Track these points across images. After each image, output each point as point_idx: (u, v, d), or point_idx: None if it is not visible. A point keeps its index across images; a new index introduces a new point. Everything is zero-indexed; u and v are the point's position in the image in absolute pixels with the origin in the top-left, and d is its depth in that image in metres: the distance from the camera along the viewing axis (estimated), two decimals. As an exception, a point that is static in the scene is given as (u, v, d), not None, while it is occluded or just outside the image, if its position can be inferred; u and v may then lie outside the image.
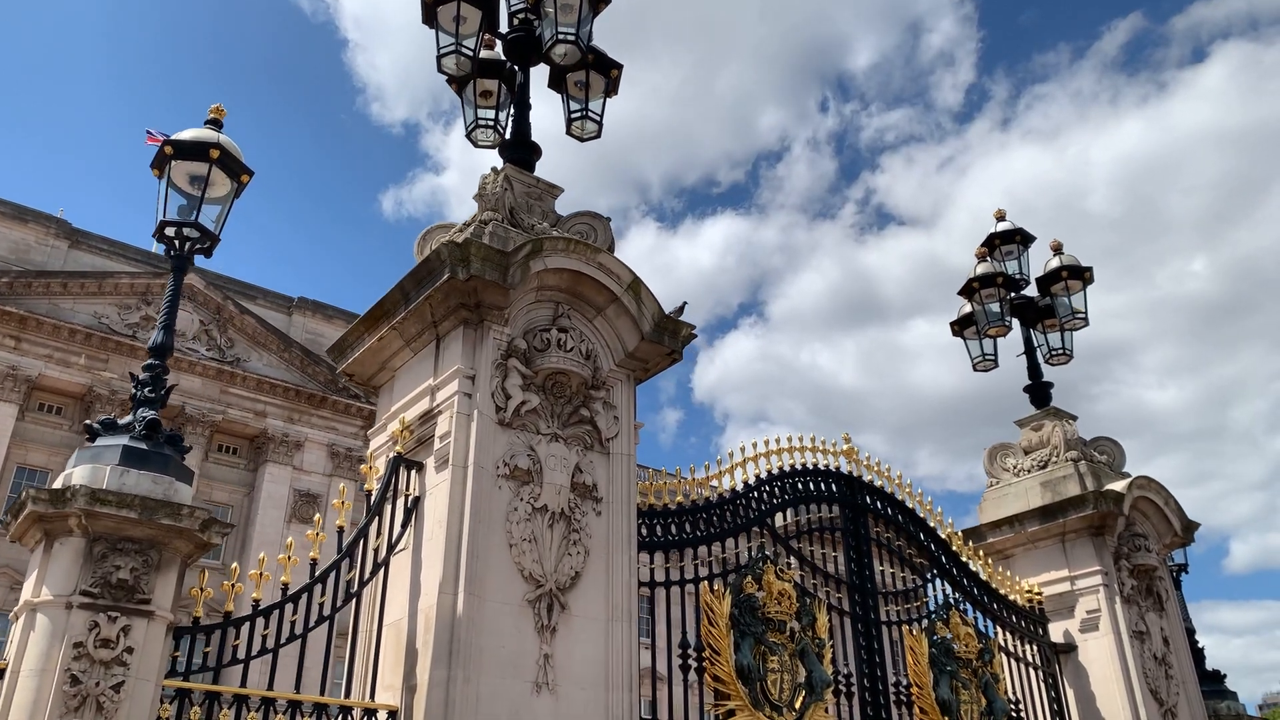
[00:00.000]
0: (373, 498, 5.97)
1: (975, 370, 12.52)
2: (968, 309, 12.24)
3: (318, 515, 5.77)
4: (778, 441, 8.52)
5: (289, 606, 5.38)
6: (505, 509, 5.92)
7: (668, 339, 6.86)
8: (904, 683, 8.38)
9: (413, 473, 6.13)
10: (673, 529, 7.42)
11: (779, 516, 8.27)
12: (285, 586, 5.44)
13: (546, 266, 6.39)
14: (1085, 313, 11.72)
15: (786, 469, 8.47)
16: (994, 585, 9.63)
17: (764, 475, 8.26)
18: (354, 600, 5.73)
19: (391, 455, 6.16)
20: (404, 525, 6.00)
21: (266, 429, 36.43)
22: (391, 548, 5.93)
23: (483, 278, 6.00)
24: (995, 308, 11.73)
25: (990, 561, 9.94)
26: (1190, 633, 12.02)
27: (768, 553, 7.88)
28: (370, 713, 5.45)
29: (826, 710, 7.70)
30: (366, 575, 5.77)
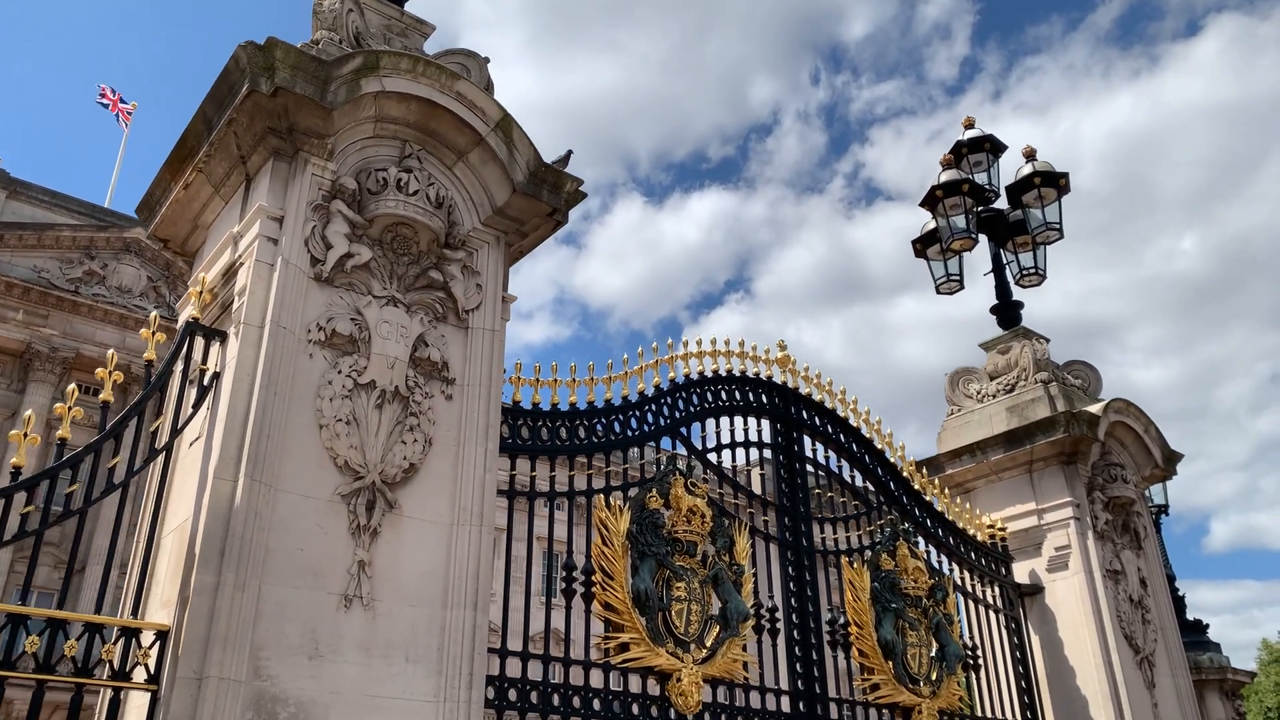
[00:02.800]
0: (153, 372, 4.71)
1: (939, 292, 11.34)
2: (931, 225, 11.07)
3: (71, 385, 4.52)
4: (699, 344, 7.32)
5: (20, 496, 4.14)
6: (317, 382, 4.69)
7: (547, 193, 5.62)
8: (841, 620, 7.24)
9: (213, 344, 4.88)
10: (562, 432, 6.22)
11: (697, 427, 7.09)
12: (16, 471, 4.20)
13: (385, 89, 5.13)
14: (1060, 224, 10.53)
15: (708, 374, 7.28)
16: (950, 518, 8.50)
17: (679, 380, 7.07)
18: (120, 494, 4.49)
19: (186, 322, 4.92)
20: (196, 406, 4.76)
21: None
22: (176, 431, 4.70)
23: (292, 91, 4.73)
24: (960, 221, 10.54)
25: (946, 492, 8.80)
26: (1170, 579, 10.98)
27: (679, 466, 6.71)
28: (131, 633, 4.23)
29: (744, 648, 6.54)
30: (138, 464, 4.53)
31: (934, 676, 7.53)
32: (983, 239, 10.93)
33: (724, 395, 7.33)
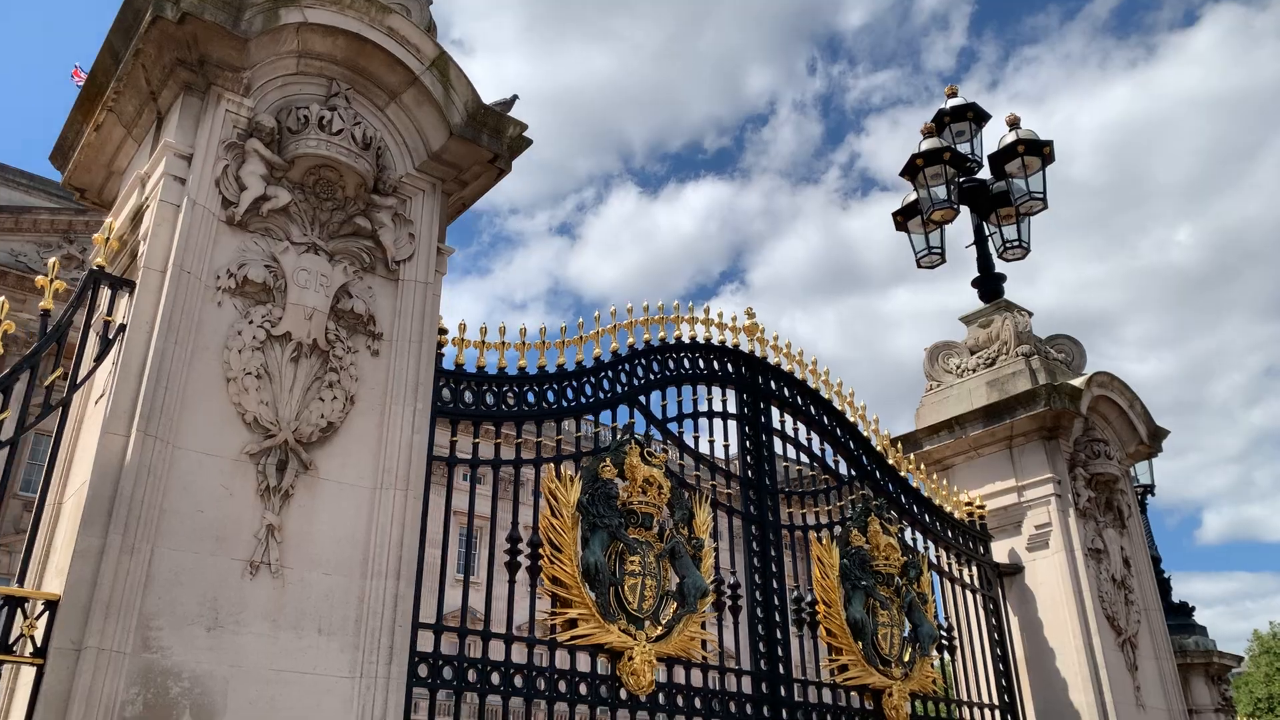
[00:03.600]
0: (50, 323, 4.35)
1: (919, 266, 11.01)
2: (913, 197, 10.73)
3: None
4: (660, 309, 6.97)
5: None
6: (226, 333, 4.33)
7: (487, 138, 5.25)
8: (809, 598, 6.91)
9: (121, 295, 4.51)
10: (509, 398, 5.87)
11: (657, 396, 6.74)
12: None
13: (307, 20, 4.75)
14: (1044, 194, 10.19)
15: (670, 341, 6.92)
16: (926, 494, 8.16)
17: (639, 346, 6.71)
18: (8, 453, 4.12)
19: (90, 270, 4.54)
20: (99, 360, 4.39)
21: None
22: (74, 386, 4.34)
23: (201, 18, 4.36)
24: (941, 191, 10.20)
25: (923, 469, 8.47)
26: (1155, 560, 10.67)
27: (637, 435, 6.36)
28: (17, 602, 3.87)
29: (704, 626, 6.21)
30: (30, 420, 4.17)
31: (906, 658, 7.21)
32: (965, 212, 10.62)
33: (686, 363, 6.98)
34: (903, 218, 10.96)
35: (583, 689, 5.49)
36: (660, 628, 5.94)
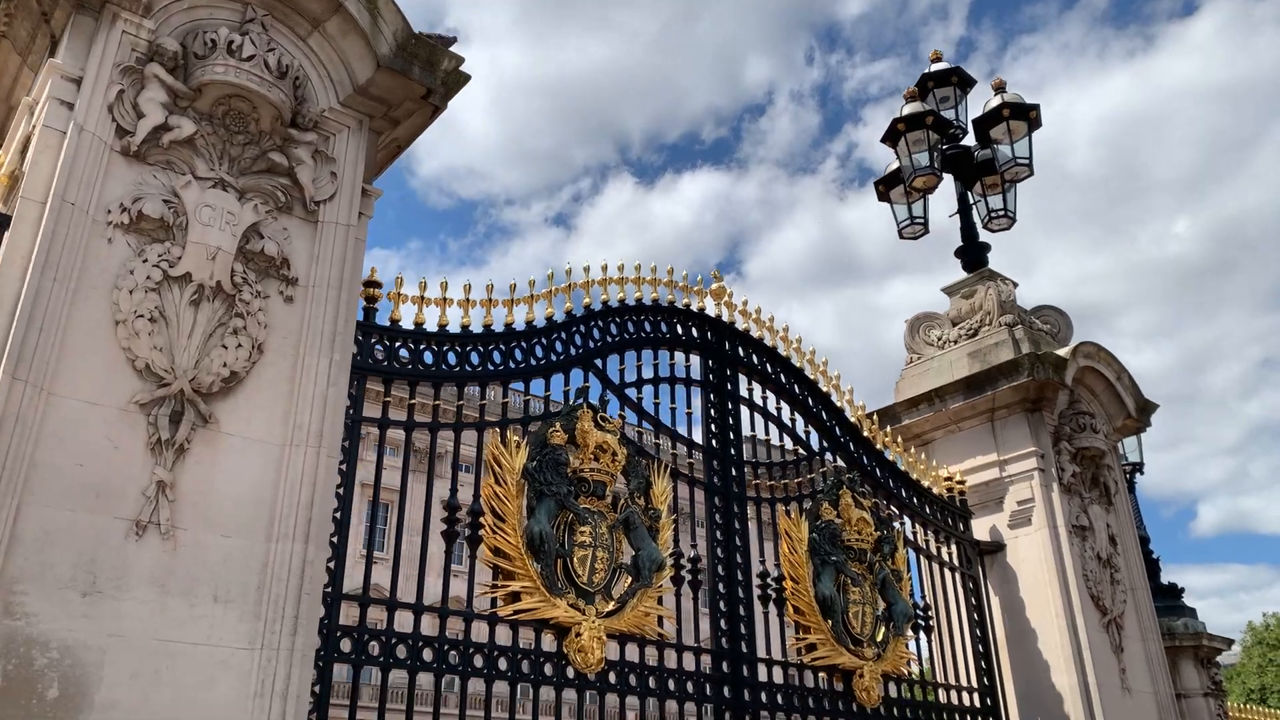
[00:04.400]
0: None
1: (902, 237, 10.63)
2: (895, 166, 10.34)
3: None
4: (620, 269, 6.58)
5: None
6: (116, 271, 3.94)
7: (418, 71, 4.85)
8: (775, 574, 6.55)
9: (5, 233, 4.11)
10: (450, 357, 5.48)
11: (615, 360, 6.36)
12: None
13: (214, -64, 4.35)
14: (1030, 160, 9.81)
15: (630, 302, 6.54)
16: (903, 468, 7.80)
17: (596, 307, 6.33)
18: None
19: (-24, 206, 4.15)
20: (-19, 303, 3.99)
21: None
22: (-51, 331, 3.94)
23: (89, -72, 3.96)
24: (924, 158, 9.81)
25: (900, 442, 8.11)
26: (1144, 540, 10.34)
27: (592, 400, 5.99)
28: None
29: (661, 601, 5.85)
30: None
31: (879, 637, 6.85)
32: (950, 186, 10.25)
33: (648, 326, 6.60)
34: (885, 187, 10.60)
35: (525, 666, 5.12)
36: (612, 603, 5.57)
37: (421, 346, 5.37)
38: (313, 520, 4.04)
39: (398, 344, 5.27)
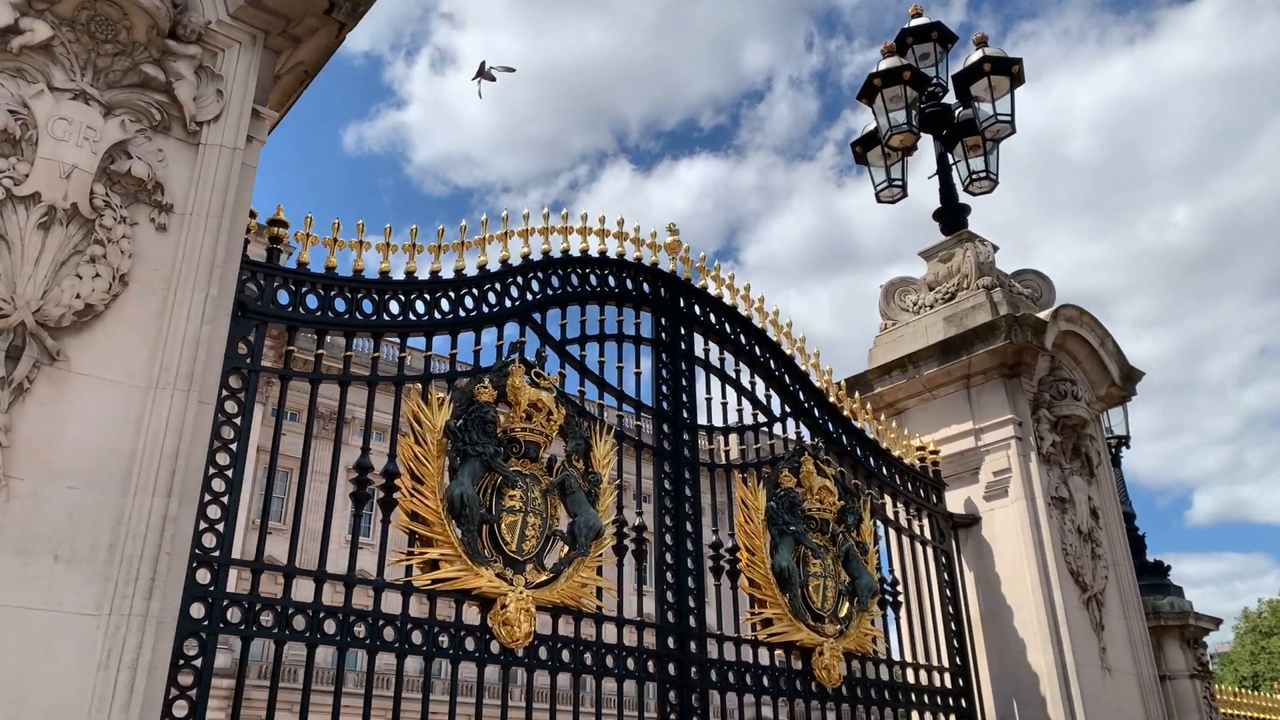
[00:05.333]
0: None
1: (879, 201, 10.20)
2: (872, 126, 9.88)
3: None
4: (564, 218, 6.12)
5: None
6: (-56, 188, 3.48)
7: (319, -19, 4.38)
8: (730, 544, 6.11)
9: None
10: (365, 305, 5.02)
11: (555, 315, 5.90)
12: None
13: None
14: (1012, 117, 9.34)
15: (575, 253, 6.08)
16: (872, 436, 7.36)
17: (535, 257, 5.87)
18: None
19: None
20: None
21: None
22: None
23: None
24: (900, 116, 9.33)
25: (869, 409, 7.66)
26: (1129, 517, 9.92)
27: (527, 357, 5.53)
28: None
29: (600, 572, 5.41)
30: None
31: (842, 613, 6.42)
32: (930, 148, 9.79)
33: (594, 279, 6.14)
34: (861, 148, 10.14)
35: (443, 640, 4.68)
36: (545, 573, 5.13)
37: (333, 292, 4.91)
38: (178, 473, 3.59)
39: (304, 289, 4.80)
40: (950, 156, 9.69)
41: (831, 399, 7.22)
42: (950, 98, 9.79)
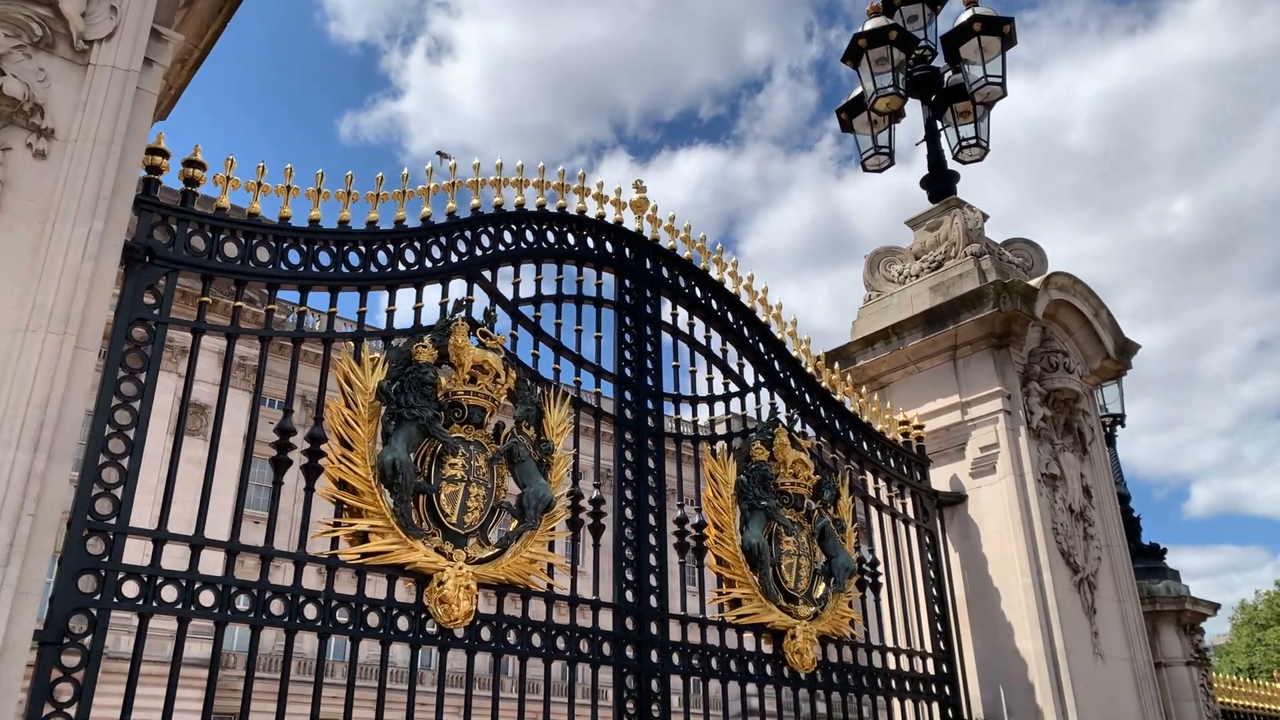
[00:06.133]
0: None
1: (865, 169, 9.78)
2: (858, 91, 9.46)
3: None
4: (519, 170, 5.70)
5: None
6: None
7: (227, -109, 3.96)
8: (697, 520, 5.71)
9: None
10: (291, 255, 4.61)
11: (508, 273, 5.49)
12: None
13: None
14: (1003, 79, 8.92)
15: (531, 208, 5.67)
16: (852, 409, 6.96)
17: (487, 210, 5.46)
18: None
19: None
20: None
21: None
22: None
23: None
24: (887, 79, 8.91)
25: (851, 383, 7.26)
26: (1123, 499, 9.53)
27: (474, 316, 5.13)
28: None
29: (551, 547, 5.01)
30: None
31: (817, 594, 6.03)
32: (918, 117, 9.38)
33: (551, 236, 5.73)
34: (847, 115, 9.72)
35: (373, 619, 4.28)
36: (490, 547, 4.74)
37: (255, 241, 4.50)
38: (48, 425, 3.18)
39: (222, 236, 4.39)
40: (939, 124, 9.29)
41: (809, 369, 6.82)
42: (940, 61, 9.37)
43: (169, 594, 3.81)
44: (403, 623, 4.37)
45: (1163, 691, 8.03)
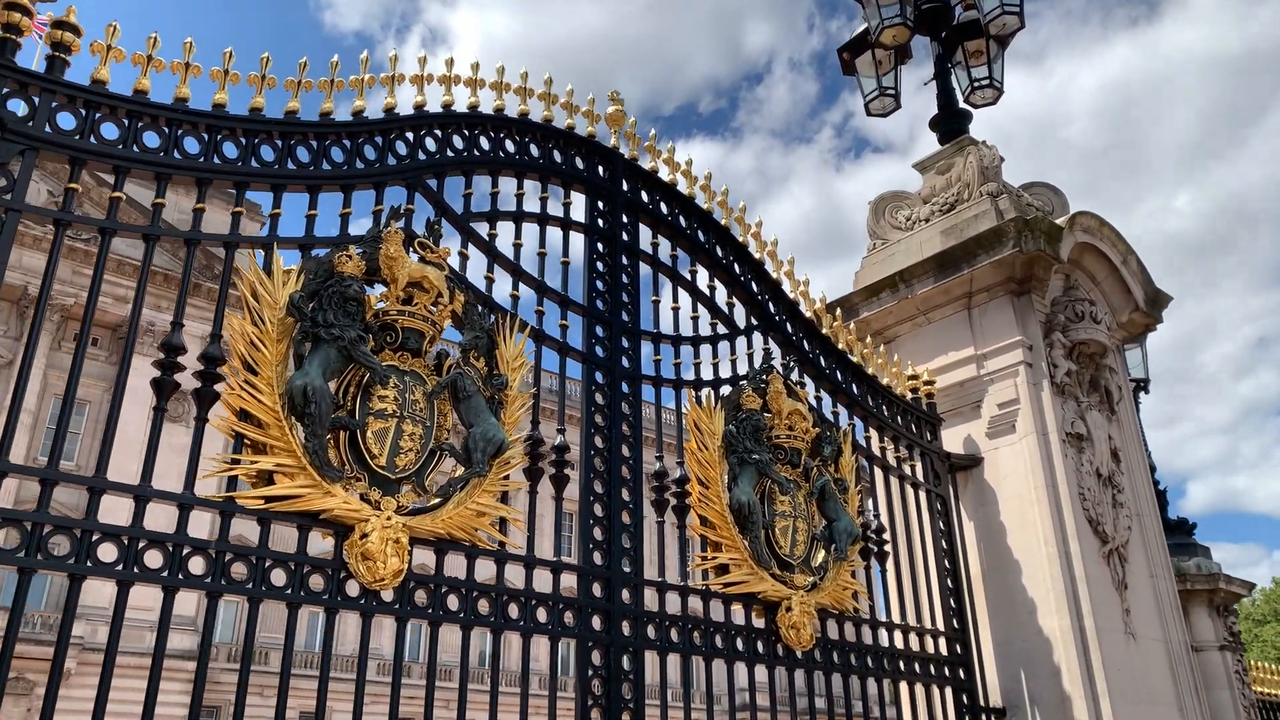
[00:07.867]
0: None
1: (869, 113, 9.00)
2: (863, 28, 8.69)
3: None
4: (474, 69, 4.92)
5: None
6: None
7: None
8: (678, 475, 4.95)
9: None
10: (188, 145, 3.83)
11: (457, 183, 4.71)
12: None
13: None
14: (1020, 7, 8.16)
15: (488, 110, 4.90)
16: (855, 360, 6.20)
17: (435, 110, 4.69)
18: None
19: None
20: None
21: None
22: None
23: None
24: (894, 9, 8.15)
25: (851, 327, 6.51)
26: (1151, 469, 8.77)
27: (414, 229, 4.36)
28: None
29: (504, 498, 4.25)
30: None
31: (816, 562, 5.28)
32: (928, 64, 8.62)
33: (511, 145, 4.96)
34: (850, 55, 8.93)
35: (276, 576, 3.52)
36: (428, 496, 3.98)
37: (142, 124, 3.72)
38: None
39: (99, 114, 3.62)
40: (949, 61, 8.52)
41: (807, 314, 6.06)
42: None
43: (10, 539, 3.05)
44: (316, 581, 3.61)
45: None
